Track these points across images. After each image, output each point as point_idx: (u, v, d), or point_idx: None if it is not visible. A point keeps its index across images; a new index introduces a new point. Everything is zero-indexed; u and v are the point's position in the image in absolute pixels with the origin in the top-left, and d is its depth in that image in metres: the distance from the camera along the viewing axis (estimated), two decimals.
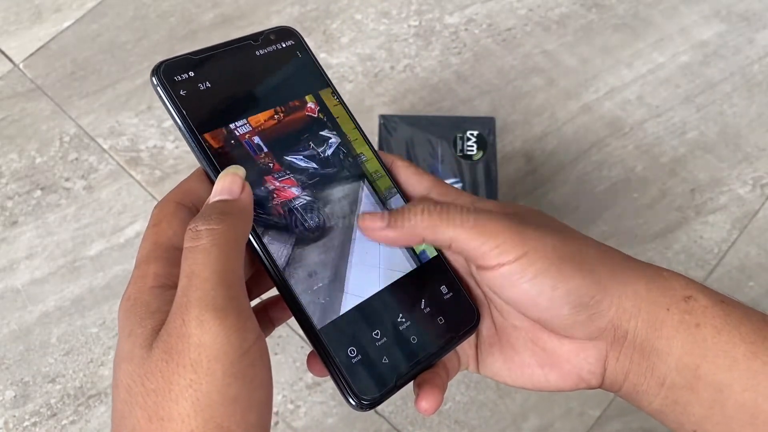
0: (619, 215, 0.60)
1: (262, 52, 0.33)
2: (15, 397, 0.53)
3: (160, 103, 0.30)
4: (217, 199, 0.27)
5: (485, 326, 0.33)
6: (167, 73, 0.30)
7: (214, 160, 0.30)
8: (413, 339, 0.31)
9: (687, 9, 0.70)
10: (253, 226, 0.29)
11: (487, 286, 0.30)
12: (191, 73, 0.31)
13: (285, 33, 0.34)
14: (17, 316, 0.56)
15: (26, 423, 0.52)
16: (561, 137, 0.64)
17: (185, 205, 0.29)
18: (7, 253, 0.58)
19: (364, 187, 0.33)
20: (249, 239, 0.29)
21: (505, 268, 0.28)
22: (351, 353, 0.30)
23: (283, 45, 0.34)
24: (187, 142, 0.30)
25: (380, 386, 0.30)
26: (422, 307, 0.32)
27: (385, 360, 0.30)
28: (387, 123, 0.55)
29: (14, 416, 0.52)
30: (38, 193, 0.60)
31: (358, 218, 0.31)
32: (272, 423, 0.52)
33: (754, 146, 0.63)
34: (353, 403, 0.29)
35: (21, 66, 0.66)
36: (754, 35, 0.69)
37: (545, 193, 0.61)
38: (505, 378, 0.32)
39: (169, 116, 0.31)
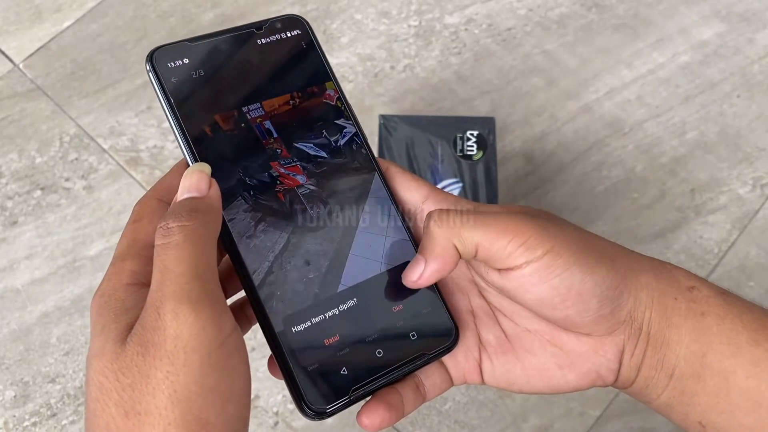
0: (619, 215, 0.60)
1: (264, 41, 0.32)
2: (15, 397, 0.53)
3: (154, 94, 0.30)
4: (185, 196, 0.27)
5: (493, 336, 0.32)
6: (161, 59, 0.29)
7: (195, 152, 0.29)
8: (378, 352, 0.30)
9: (687, 9, 0.70)
10: (224, 224, 0.29)
11: (509, 289, 0.29)
12: (185, 60, 0.30)
13: (292, 22, 0.32)
14: (17, 316, 0.56)
15: (26, 423, 0.52)
16: (561, 137, 0.64)
17: (167, 202, 0.29)
18: (7, 253, 0.58)
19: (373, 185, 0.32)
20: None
21: (533, 265, 0.28)
22: (308, 360, 0.28)
23: (288, 35, 0.32)
24: (173, 131, 0.29)
25: (333, 398, 0.28)
26: (394, 320, 0.30)
27: (343, 371, 0.29)
28: (387, 123, 0.55)
29: (14, 416, 0.52)
30: (38, 193, 0.60)
31: (403, 278, 0.30)
32: (272, 423, 0.52)
33: (754, 146, 0.63)
34: (305, 412, 0.28)
35: (21, 66, 0.66)
36: (754, 35, 0.69)
37: (545, 193, 0.61)
38: (522, 385, 0.31)
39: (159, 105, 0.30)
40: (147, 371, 0.23)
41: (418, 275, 0.29)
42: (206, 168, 0.28)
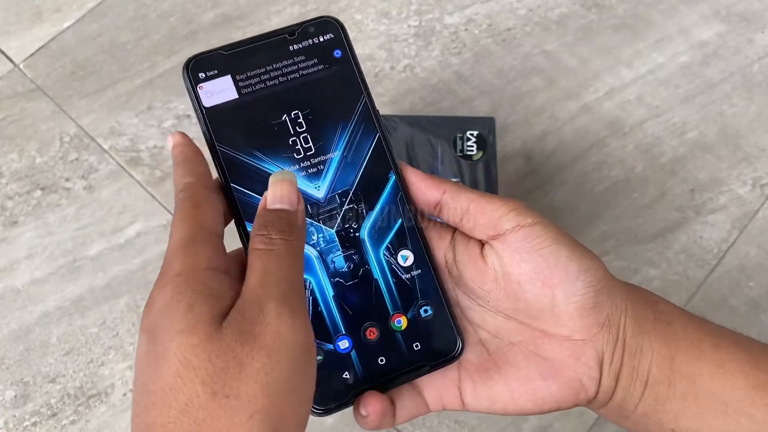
0: (619, 215, 0.60)
1: (296, 47, 0.31)
2: (15, 397, 0.53)
3: (187, 99, 0.31)
4: (278, 207, 0.28)
5: (474, 356, 0.32)
6: (194, 69, 0.29)
7: (228, 173, 0.30)
8: (381, 360, 0.30)
9: (687, 9, 0.70)
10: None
11: (501, 257, 0.31)
12: (218, 70, 0.30)
13: (324, 25, 0.32)
14: (17, 316, 0.56)
15: (26, 423, 0.52)
16: (561, 137, 0.64)
17: (212, 189, 0.31)
18: (7, 253, 0.58)
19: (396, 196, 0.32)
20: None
21: (525, 229, 0.30)
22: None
23: (321, 39, 0.32)
24: (206, 139, 0.30)
25: (332, 401, 0.29)
26: (399, 328, 0.30)
27: (345, 375, 0.30)
28: (387, 123, 0.55)
29: (14, 416, 0.52)
30: (38, 193, 0.60)
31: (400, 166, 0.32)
32: None
33: (754, 146, 0.63)
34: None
35: (21, 66, 0.66)
36: (754, 35, 0.69)
37: (545, 193, 0.61)
38: (506, 402, 0.32)
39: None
40: (243, 359, 0.24)
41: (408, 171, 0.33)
42: (294, 178, 0.29)
